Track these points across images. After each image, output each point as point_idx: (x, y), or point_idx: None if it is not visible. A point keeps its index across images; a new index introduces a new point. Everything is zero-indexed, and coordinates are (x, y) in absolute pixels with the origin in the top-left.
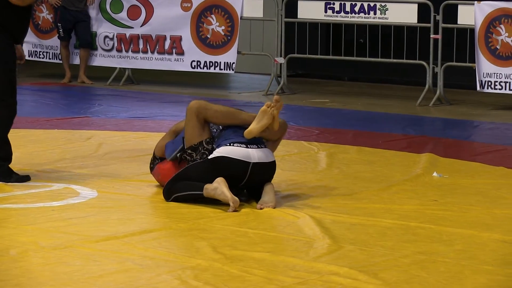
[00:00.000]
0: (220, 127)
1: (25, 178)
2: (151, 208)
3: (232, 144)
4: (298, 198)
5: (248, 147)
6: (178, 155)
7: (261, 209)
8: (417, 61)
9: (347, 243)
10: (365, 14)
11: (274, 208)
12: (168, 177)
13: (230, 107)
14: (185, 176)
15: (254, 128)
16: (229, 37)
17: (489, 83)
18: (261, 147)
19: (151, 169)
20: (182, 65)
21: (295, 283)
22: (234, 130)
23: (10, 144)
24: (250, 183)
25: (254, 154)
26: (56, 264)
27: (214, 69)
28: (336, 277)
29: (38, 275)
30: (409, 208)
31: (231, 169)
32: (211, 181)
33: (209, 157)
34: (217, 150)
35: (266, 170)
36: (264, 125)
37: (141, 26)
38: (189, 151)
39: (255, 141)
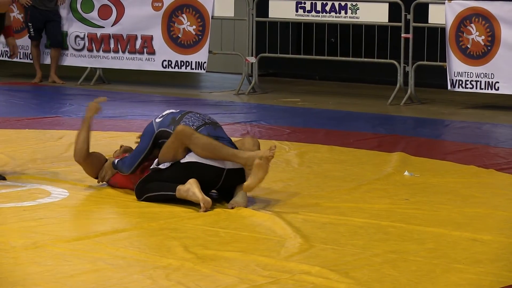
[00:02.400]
0: (193, 128)
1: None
2: (123, 208)
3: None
4: (269, 198)
5: None
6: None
7: (232, 208)
8: (388, 60)
9: (318, 242)
10: (336, 13)
11: (245, 207)
12: (128, 183)
13: (214, 140)
14: (157, 177)
15: (252, 183)
16: (200, 37)
17: (460, 82)
18: None
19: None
20: (153, 64)
21: (266, 283)
22: (208, 132)
23: None
24: (224, 187)
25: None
26: (27, 264)
27: (186, 68)
28: (308, 276)
29: (9, 275)
30: (380, 207)
31: (205, 175)
32: (183, 182)
33: (182, 161)
34: (190, 154)
35: (240, 175)
36: (262, 178)
37: (112, 26)
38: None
39: (229, 146)
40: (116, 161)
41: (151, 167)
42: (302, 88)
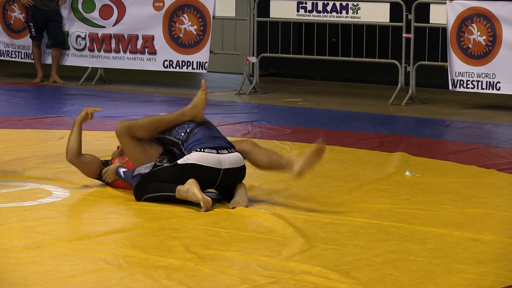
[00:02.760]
0: (188, 129)
1: None
2: (124, 207)
3: (203, 149)
4: (270, 198)
5: (219, 153)
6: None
7: (233, 208)
8: (390, 60)
9: (319, 242)
10: (337, 13)
11: (246, 207)
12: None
13: (151, 116)
14: (156, 178)
15: (303, 168)
16: (201, 37)
17: (461, 82)
18: (232, 152)
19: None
20: (155, 64)
21: (267, 283)
22: (204, 133)
23: None
24: (221, 187)
25: (225, 160)
26: (28, 264)
27: (187, 68)
28: (309, 276)
29: (10, 275)
30: (381, 207)
31: (202, 176)
32: (181, 183)
33: (180, 162)
34: (187, 156)
35: (237, 175)
36: (314, 165)
37: (113, 26)
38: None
39: (226, 146)
40: (122, 171)
41: (134, 174)
42: (303, 88)
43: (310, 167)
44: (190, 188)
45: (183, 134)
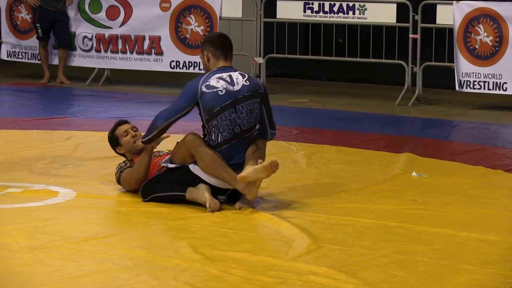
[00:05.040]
0: (220, 140)
1: None
2: (130, 208)
3: None
4: (277, 198)
5: None
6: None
7: (239, 209)
8: (396, 61)
9: (326, 243)
10: (344, 14)
11: (253, 208)
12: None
13: (218, 159)
14: (165, 179)
15: (249, 177)
16: None
17: (468, 83)
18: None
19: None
20: (161, 65)
21: (274, 283)
22: (228, 151)
23: None
24: (232, 194)
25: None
26: (35, 265)
27: (193, 69)
28: (315, 277)
29: (17, 275)
30: (388, 208)
31: (211, 187)
32: (192, 185)
33: (191, 169)
34: (199, 168)
35: None
36: (260, 178)
37: (120, 26)
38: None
39: (239, 167)
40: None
41: (162, 162)
42: (309, 88)
43: (256, 178)
44: (201, 189)
45: (211, 142)
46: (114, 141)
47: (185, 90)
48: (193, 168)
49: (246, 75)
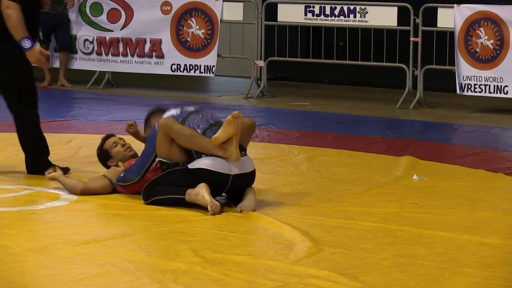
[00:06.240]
0: (201, 131)
1: (65, 170)
2: (131, 211)
3: (212, 154)
4: (278, 201)
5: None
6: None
7: (240, 212)
8: (397, 64)
9: (327, 246)
10: (345, 17)
11: (254, 211)
12: (136, 187)
13: (195, 132)
14: (165, 181)
15: (220, 136)
16: (209, 40)
17: (469, 86)
18: (242, 155)
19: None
20: (162, 68)
21: (275, 286)
22: None
23: (45, 139)
24: (231, 191)
25: (234, 165)
26: (36, 268)
27: (194, 72)
28: (316, 280)
29: (18, 278)
30: (389, 211)
31: (211, 181)
32: (191, 187)
33: (190, 167)
34: (198, 161)
35: (247, 180)
36: (230, 134)
37: (121, 29)
38: (164, 164)
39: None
40: (121, 175)
41: (157, 159)
42: (311, 91)
43: (226, 135)
44: (200, 191)
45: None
46: (104, 156)
47: (148, 139)
48: (192, 164)
49: None
